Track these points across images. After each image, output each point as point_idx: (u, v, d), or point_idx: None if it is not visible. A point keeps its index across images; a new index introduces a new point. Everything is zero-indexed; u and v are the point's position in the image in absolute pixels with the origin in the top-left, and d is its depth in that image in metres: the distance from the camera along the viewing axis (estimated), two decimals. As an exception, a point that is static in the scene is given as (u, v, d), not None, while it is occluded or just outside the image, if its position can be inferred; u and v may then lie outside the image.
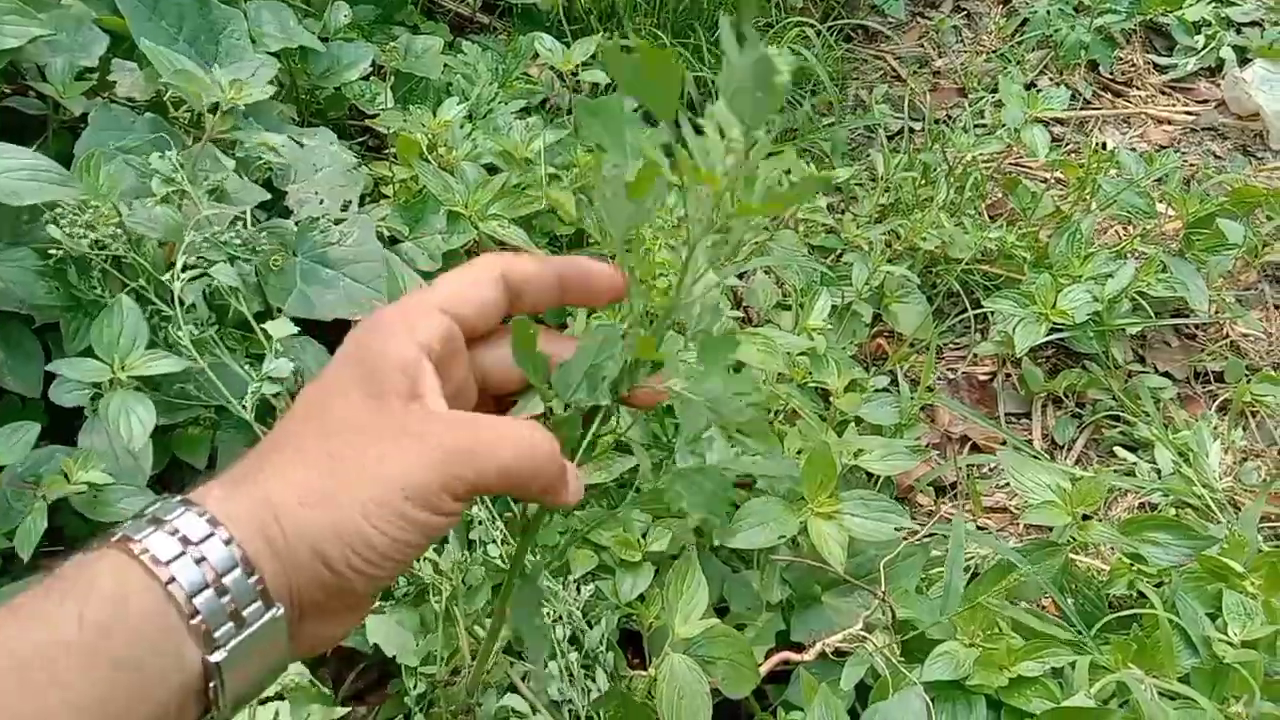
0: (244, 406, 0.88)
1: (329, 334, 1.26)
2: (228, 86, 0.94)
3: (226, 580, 0.44)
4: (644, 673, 1.12)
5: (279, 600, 0.45)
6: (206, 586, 0.43)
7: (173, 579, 0.43)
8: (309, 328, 1.27)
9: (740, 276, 1.74)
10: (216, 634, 0.43)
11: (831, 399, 1.44)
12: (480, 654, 0.98)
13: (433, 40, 1.75)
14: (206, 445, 1.13)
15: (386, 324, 0.50)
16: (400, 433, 0.47)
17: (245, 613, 0.44)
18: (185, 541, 0.44)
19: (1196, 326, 1.85)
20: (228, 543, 0.44)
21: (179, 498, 0.45)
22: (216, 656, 0.43)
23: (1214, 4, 2.62)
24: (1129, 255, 1.77)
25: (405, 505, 0.46)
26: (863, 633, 1.17)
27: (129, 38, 1.30)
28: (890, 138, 2.19)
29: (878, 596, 1.13)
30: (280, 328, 0.91)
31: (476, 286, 0.53)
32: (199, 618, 0.43)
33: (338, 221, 1.28)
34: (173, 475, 1.27)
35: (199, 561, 0.43)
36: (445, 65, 1.74)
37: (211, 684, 0.44)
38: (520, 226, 1.47)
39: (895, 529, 1.21)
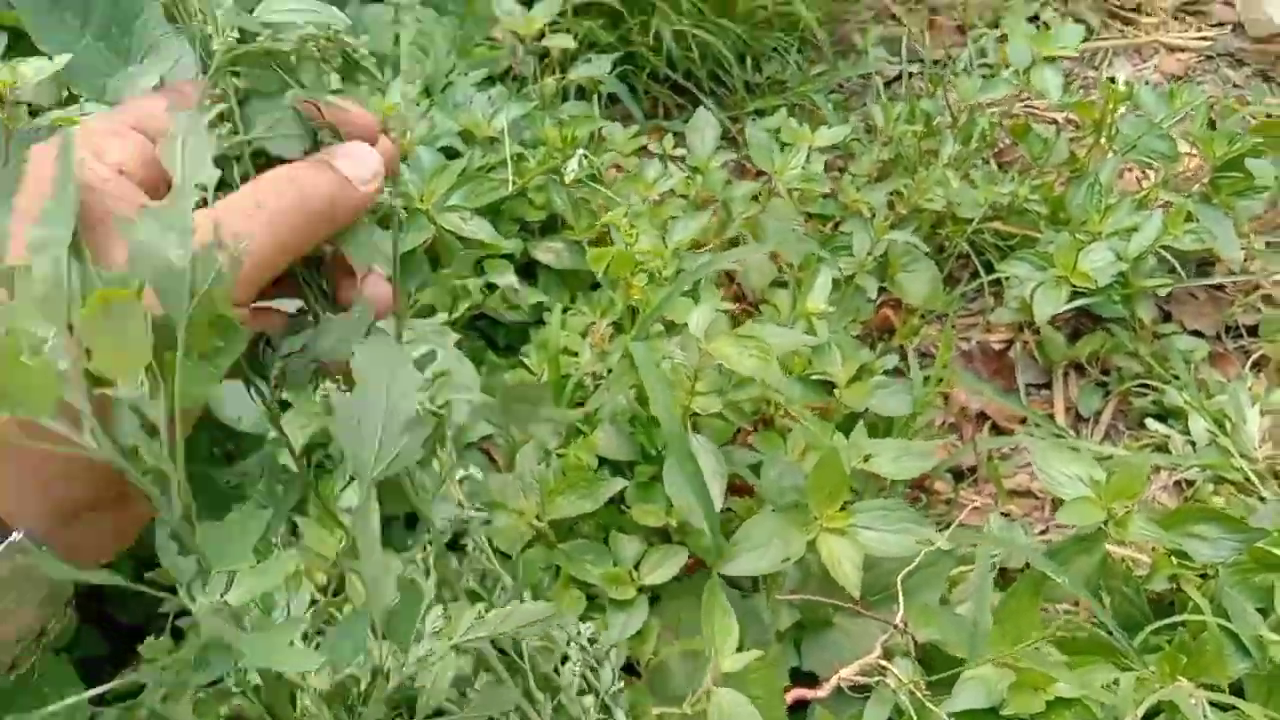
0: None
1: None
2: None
3: None
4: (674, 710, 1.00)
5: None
6: None
7: None
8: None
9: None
10: None
11: (836, 391, 1.31)
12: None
13: (381, 8, 1.59)
14: None
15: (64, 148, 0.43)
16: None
17: None
18: None
19: (1226, 275, 1.71)
20: None
21: None
22: None
23: (1227, -84, 2.44)
24: (1152, 205, 1.63)
25: None
26: (881, 661, 1.06)
27: (28, 34, 1.15)
28: (887, 84, 2.04)
29: (897, 628, 1.02)
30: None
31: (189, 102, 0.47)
32: None
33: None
34: None
35: None
36: (397, 36, 1.59)
37: None
38: (485, 217, 1.33)
39: (917, 541, 1.09)
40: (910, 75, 2.03)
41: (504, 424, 0.58)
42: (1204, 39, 2.30)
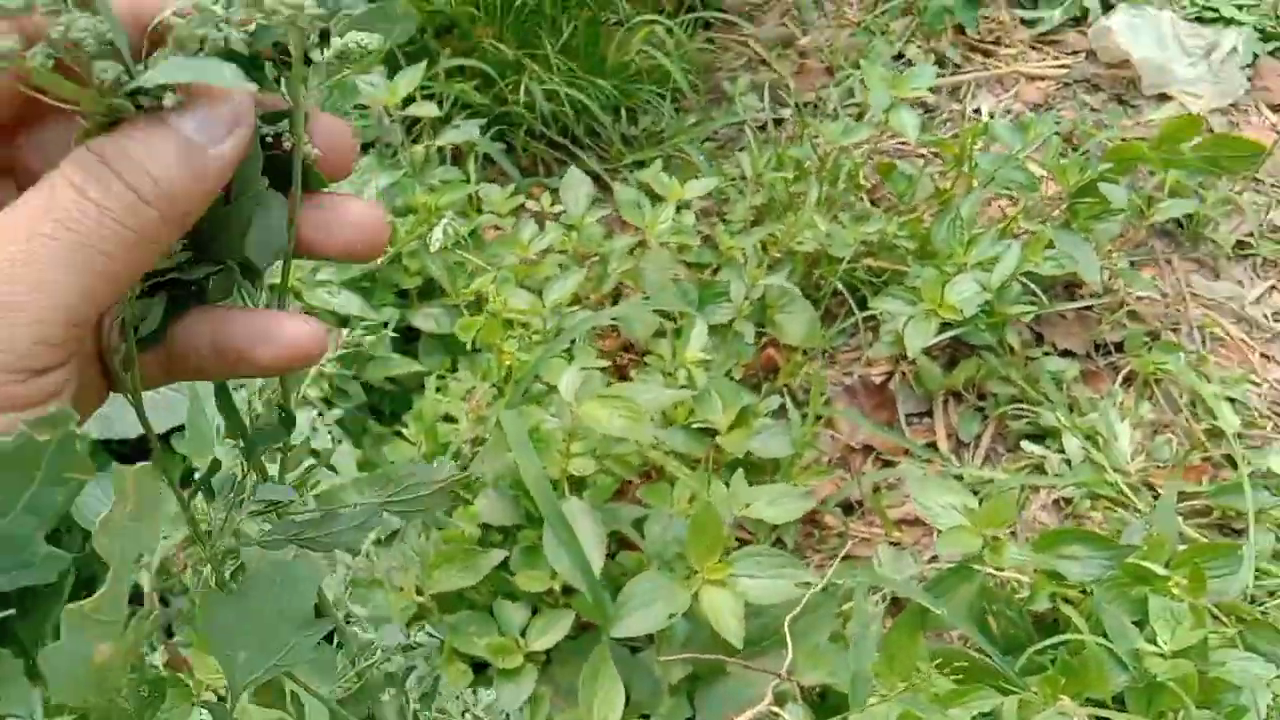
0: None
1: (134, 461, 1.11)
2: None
3: None
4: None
5: None
6: None
7: None
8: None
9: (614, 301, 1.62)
10: None
11: (718, 437, 1.33)
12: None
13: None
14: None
15: None
16: None
17: None
18: None
19: (1091, 296, 1.78)
20: None
21: None
22: None
23: (1073, -50, 2.56)
24: (1014, 235, 1.69)
25: None
26: (773, 708, 1.06)
27: None
28: (760, 128, 2.08)
29: (781, 677, 1.03)
30: None
31: None
32: None
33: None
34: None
35: None
36: (262, 111, 1.58)
37: None
38: (356, 291, 1.32)
39: (795, 585, 1.10)
40: (779, 121, 2.08)
41: (404, 517, 0.55)
42: (1061, 67, 2.40)
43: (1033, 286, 1.62)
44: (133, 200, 0.30)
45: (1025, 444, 1.56)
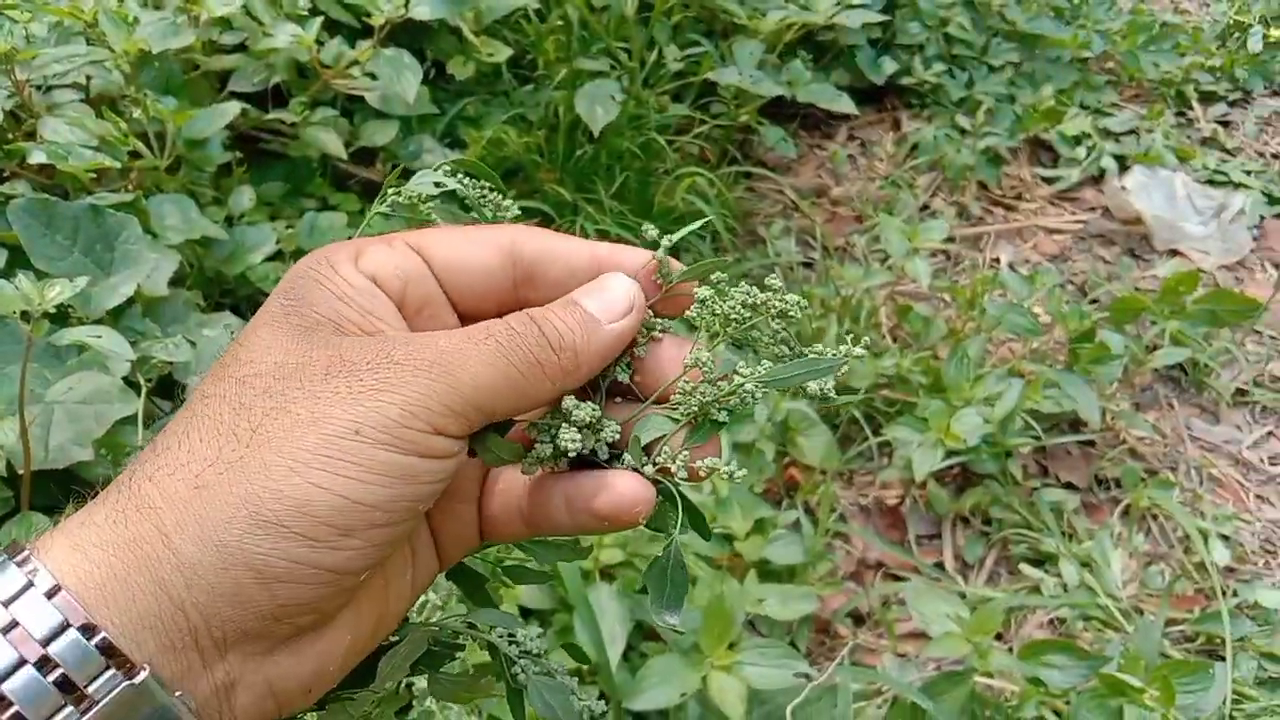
0: None
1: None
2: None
3: (55, 648, 0.32)
4: None
5: (163, 651, 0.33)
6: (21, 664, 0.31)
7: None
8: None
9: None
10: None
11: (735, 542, 1.47)
12: None
13: (337, 216, 1.81)
14: None
15: (329, 251, 0.42)
16: (339, 364, 0.37)
17: (92, 687, 0.32)
18: None
19: (1093, 433, 1.92)
20: (51, 594, 0.32)
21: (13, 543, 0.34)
22: None
23: (1092, 116, 2.78)
24: (1019, 374, 1.85)
25: (363, 444, 0.35)
26: (772, 786, 1.19)
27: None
28: (791, 269, 2.28)
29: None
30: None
31: (470, 242, 0.44)
32: (12, 710, 0.31)
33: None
34: None
35: (6, 630, 0.32)
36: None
37: None
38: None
39: (795, 675, 1.23)
40: (809, 264, 2.28)
41: None
42: (1078, 222, 2.59)
43: (1033, 423, 1.76)
44: (544, 344, 0.40)
45: (1024, 567, 1.68)
